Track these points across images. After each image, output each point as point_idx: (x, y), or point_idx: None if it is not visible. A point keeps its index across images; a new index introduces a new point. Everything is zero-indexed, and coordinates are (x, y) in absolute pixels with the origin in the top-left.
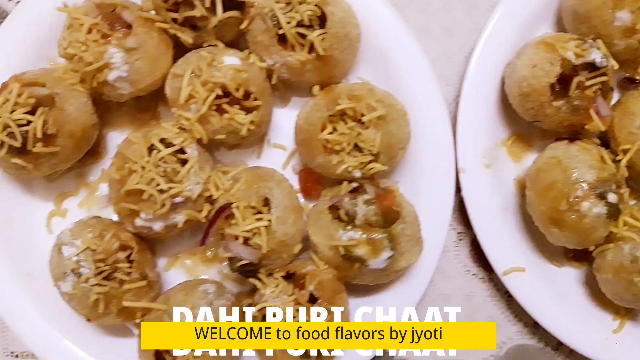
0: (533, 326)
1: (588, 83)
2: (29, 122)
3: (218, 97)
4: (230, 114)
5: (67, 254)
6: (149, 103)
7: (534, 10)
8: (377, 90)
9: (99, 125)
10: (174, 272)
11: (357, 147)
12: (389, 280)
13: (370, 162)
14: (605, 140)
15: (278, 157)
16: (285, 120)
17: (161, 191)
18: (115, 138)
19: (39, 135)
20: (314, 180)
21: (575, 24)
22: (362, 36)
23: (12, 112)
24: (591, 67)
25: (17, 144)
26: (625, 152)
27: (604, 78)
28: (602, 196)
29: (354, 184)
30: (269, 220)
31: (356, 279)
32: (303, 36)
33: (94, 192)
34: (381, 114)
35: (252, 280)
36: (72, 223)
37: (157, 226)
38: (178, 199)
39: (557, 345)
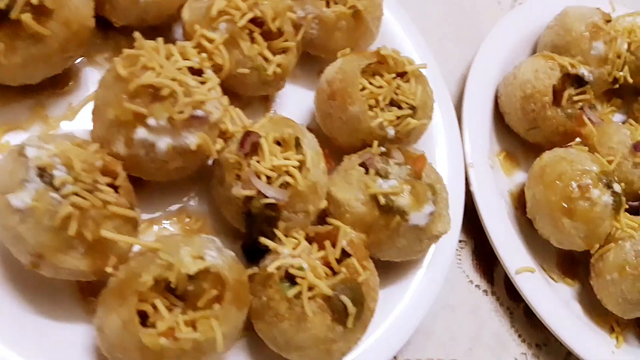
0: (536, 347)
1: (576, 98)
2: None
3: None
4: (260, 45)
5: (33, 154)
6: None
7: (513, 46)
8: None
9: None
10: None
11: (392, 104)
12: (416, 258)
13: (407, 117)
14: None
15: None
16: (290, 95)
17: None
18: (89, 75)
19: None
20: (326, 155)
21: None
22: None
23: None
24: (577, 83)
25: (1, 5)
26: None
27: (587, 96)
28: (608, 185)
29: (382, 149)
30: (300, 161)
31: (386, 246)
32: None
33: (51, 130)
34: (421, 67)
35: (264, 241)
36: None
37: (163, 144)
38: (199, 112)
39: None
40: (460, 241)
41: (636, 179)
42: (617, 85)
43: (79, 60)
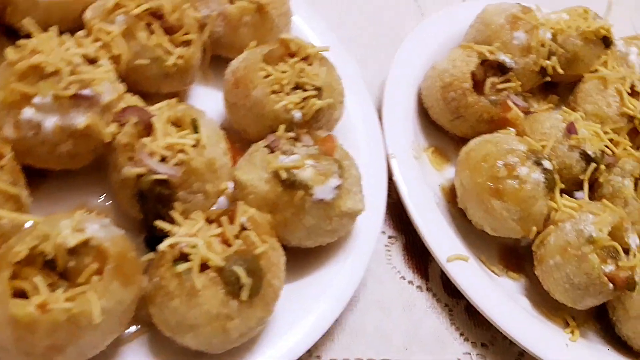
0: (482, 347)
1: (500, 86)
2: None
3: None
4: (159, 36)
5: None
6: None
7: (435, 47)
8: None
9: None
10: None
11: (297, 88)
12: (330, 241)
13: (313, 98)
14: None
15: None
16: (203, 97)
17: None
18: None
19: None
20: (237, 149)
21: None
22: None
23: None
24: (500, 72)
25: None
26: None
27: (512, 84)
28: (537, 163)
29: (290, 134)
30: (197, 140)
31: (293, 225)
32: None
33: None
34: (324, 49)
35: (159, 224)
36: None
37: (50, 123)
38: (86, 91)
39: None
40: (390, 237)
41: (574, 162)
42: (548, 78)
43: None
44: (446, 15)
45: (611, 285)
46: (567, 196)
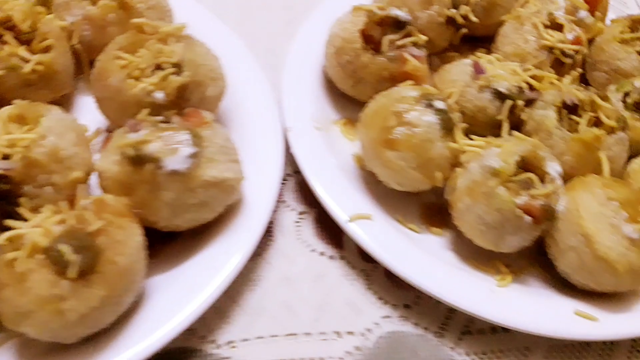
0: (405, 308)
1: (400, 42)
2: None
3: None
4: (13, 46)
5: None
6: None
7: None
8: None
9: None
10: None
11: (159, 69)
12: (207, 217)
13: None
14: None
15: None
16: (89, 106)
17: None
18: None
19: None
20: None
21: None
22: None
23: None
24: (398, 28)
25: None
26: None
27: (414, 38)
28: (429, 105)
29: (158, 117)
30: (40, 133)
31: (153, 204)
32: None
33: None
34: (180, 27)
35: (8, 222)
36: None
37: None
38: None
39: (441, 330)
40: (300, 213)
41: (487, 103)
42: (464, 30)
43: None
44: None
45: (528, 217)
46: (475, 136)
